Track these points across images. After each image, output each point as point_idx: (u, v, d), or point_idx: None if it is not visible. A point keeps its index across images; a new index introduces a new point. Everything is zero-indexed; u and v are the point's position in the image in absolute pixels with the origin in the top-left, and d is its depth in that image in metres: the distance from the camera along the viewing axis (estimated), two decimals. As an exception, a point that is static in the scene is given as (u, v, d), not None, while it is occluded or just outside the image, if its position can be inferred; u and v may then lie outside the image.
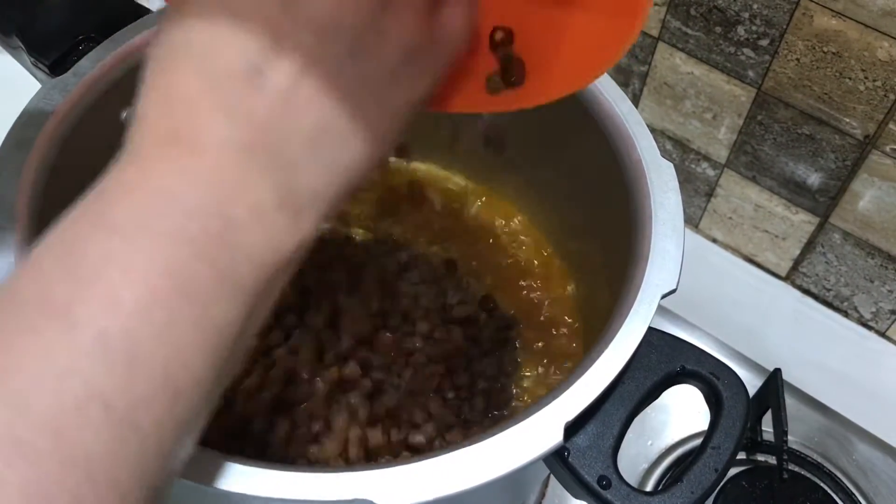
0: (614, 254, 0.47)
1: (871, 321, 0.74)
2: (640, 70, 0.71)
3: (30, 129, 0.46)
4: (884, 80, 0.58)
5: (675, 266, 0.43)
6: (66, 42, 0.54)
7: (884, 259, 0.69)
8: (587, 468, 0.39)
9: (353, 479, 0.35)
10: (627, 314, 0.41)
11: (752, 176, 0.72)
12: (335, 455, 0.47)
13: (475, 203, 0.63)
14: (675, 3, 0.65)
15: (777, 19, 0.61)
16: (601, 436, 0.40)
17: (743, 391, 0.42)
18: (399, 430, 0.49)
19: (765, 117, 0.67)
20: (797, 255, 0.74)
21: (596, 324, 0.50)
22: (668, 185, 0.46)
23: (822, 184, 0.68)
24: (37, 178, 0.45)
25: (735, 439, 0.41)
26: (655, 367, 0.42)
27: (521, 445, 0.37)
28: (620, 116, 0.49)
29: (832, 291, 0.75)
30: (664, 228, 0.44)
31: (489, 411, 0.52)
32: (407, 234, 0.61)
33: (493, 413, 0.52)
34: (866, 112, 0.61)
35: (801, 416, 0.66)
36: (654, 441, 0.65)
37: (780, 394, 0.60)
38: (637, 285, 0.42)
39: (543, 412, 0.37)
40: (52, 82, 0.48)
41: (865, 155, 0.63)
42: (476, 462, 0.36)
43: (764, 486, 0.61)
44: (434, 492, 0.35)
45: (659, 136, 0.74)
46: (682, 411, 0.66)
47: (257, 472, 0.35)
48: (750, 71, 0.65)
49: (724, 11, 0.63)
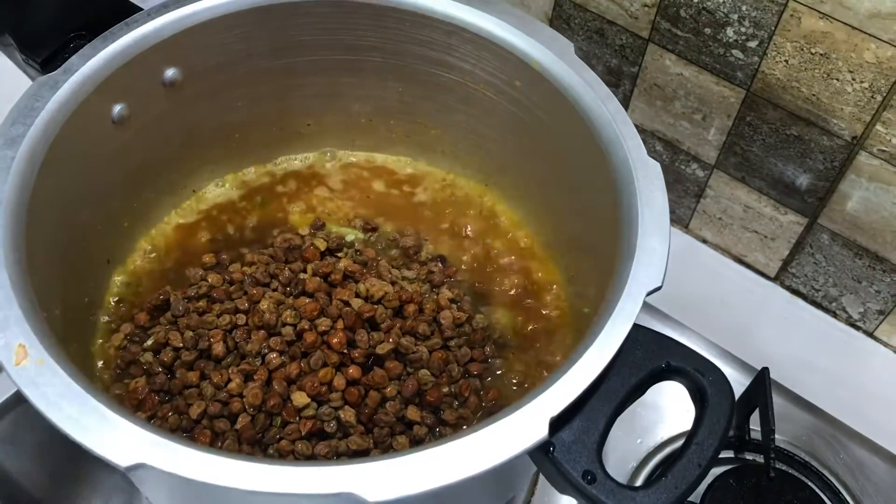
0: (602, 251, 0.48)
1: (858, 321, 0.74)
2: (631, 71, 0.72)
3: (20, 125, 0.46)
4: (871, 81, 0.59)
5: (661, 264, 0.43)
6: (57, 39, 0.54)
7: (871, 259, 0.69)
8: (572, 463, 0.39)
9: (338, 472, 0.35)
10: (613, 311, 0.41)
11: (742, 177, 0.72)
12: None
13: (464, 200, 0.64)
14: (665, 4, 0.65)
15: (765, 21, 0.61)
16: (586, 431, 0.40)
17: (728, 388, 0.43)
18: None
19: (754, 118, 0.67)
20: (786, 255, 0.75)
21: (583, 320, 0.51)
22: (655, 184, 0.47)
23: (810, 185, 0.68)
24: (26, 174, 0.45)
25: (719, 435, 0.41)
26: (641, 363, 0.42)
27: (506, 440, 0.37)
28: (608, 116, 0.49)
29: (820, 292, 0.75)
30: (650, 227, 0.45)
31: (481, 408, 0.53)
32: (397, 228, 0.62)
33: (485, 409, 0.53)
34: (854, 113, 0.61)
35: (789, 416, 0.67)
36: (644, 439, 0.65)
37: (768, 393, 0.60)
38: (623, 282, 0.42)
39: (528, 407, 0.38)
40: (42, 79, 0.48)
41: (853, 156, 0.64)
42: (461, 456, 0.36)
43: (751, 485, 0.61)
44: (419, 485, 0.35)
45: (649, 137, 0.75)
46: (671, 410, 0.66)
47: (242, 466, 0.35)
48: (739, 72, 0.65)
49: (713, 13, 0.63)
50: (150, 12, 0.52)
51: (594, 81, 0.51)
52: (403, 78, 0.61)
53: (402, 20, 0.57)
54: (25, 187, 0.45)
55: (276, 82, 0.60)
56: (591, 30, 0.72)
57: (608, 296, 0.43)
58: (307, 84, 0.62)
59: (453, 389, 0.52)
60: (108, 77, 0.50)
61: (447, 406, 0.52)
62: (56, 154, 0.47)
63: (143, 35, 0.52)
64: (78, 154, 0.50)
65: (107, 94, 0.51)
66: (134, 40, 0.51)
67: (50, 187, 0.47)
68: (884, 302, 0.71)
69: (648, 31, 0.68)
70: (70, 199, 0.50)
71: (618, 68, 0.72)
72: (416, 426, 0.50)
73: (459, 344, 0.54)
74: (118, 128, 0.53)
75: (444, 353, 0.53)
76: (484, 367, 0.54)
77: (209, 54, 0.56)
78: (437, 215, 0.63)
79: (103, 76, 0.50)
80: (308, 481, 0.35)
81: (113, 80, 0.51)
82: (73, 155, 0.49)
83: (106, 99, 0.51)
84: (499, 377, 0.54)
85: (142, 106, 0.53)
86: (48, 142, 0.47)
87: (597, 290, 0.47)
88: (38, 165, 0.46)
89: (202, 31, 0.54)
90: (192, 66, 0.55)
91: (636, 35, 0.69)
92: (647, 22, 0.68)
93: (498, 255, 0.61)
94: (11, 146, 0.45)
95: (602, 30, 0.71)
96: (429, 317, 0.54)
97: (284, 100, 0.62)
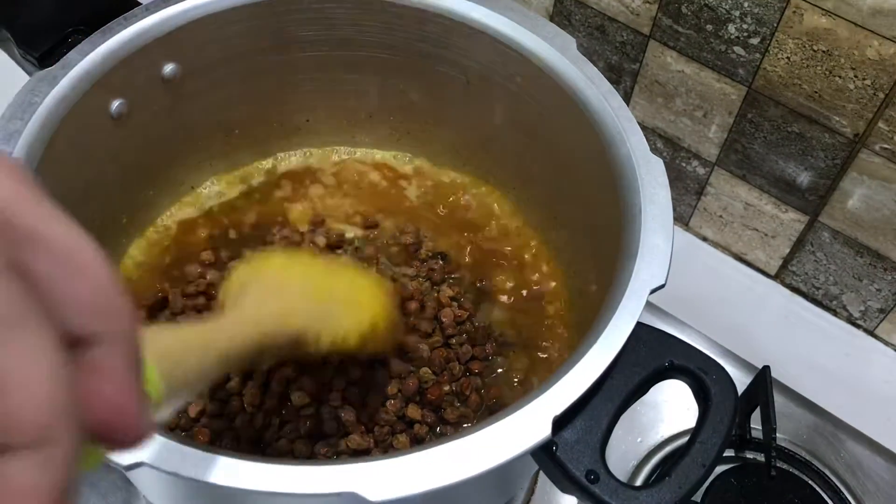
0: (604, 249, 0.48)
1: (859, 319, 0.74)
2: (632, 68, 0.71)
3: (17, 120, 0.46)
4: (873, 78, 0.59)
5: (665, 261, 0.43)
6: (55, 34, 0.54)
7: (872, 257, 0.69)
8: (575, 462, 0.39)
9: (339, 472, 0.35)
10: (616, 309, 0.41)
11: (743, 174, 0.72)
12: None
13: (465, 197, 0.63)
14: (667, 1, 0.65)
15: (767, 17, 0.61)
16: (589, 430, 0.40)
17: (731, 386, 0.42)
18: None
19: (755, 115, 0.67)
20: (787, 253, 0.75)
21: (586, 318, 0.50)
22: (658, 181, 0.46)
23: (811, 182, 0.68)
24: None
25: (723, 434, 0.41)
26: (644, 362, 0.42)
27: (509, 439, 0.37)
28: (611, 112, 0.49)
29: (821, 290, 0.75)
30: (654, 224, 0.44)
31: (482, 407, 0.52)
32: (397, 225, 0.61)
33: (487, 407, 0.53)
34: (856, 110, 0.61)
35: (790, 414, 0.66)
36: (644, 438, 0.65)
37: (769, 391, 0.60)
38: (626, 280, 0.42)
39: (531, 406, 0.37)
40: (40, 74, 0.48)
41: (855, 153, 0.64)
42: (463, 456, 0.36)
43: (752, 484, 0.61)
44: (421, 485, 0.35)
45: (650, 134, 0.75)
46: (671, 408, 0.66)
47: (242, 465, 0.35)
48: (740, 69, 0.65)
49: (714, 10, 0.63)
50: (148, 7, 0.52)
51: (597, 78, 0.51)
52: (404, 73, 0.60)
53: (403, 15, 0.56)
54: (23, 183, 0.45)
55: (276, 78, 0.60)
56: (591, 26, 0.71)
57: (611, 294, 0.43)
58: (306, 80, 0.61)
59: (454, 388, 0.52)
60: (107, 72, 0.50)
61: (448, 405, 0.51)
62: (54, 150, 0.47)
63: (141, 30, 0.51)
64: (76, 150, 0.49)
65: (105, 90, 0.50)
66: (132, 35, 0.51)
67: (47, 183, 0.46)
68: (885, 300, 0.71)
69: (650, 28, 0.68)
70: (68, 195, 0.49)
71: (619, 65, 0.72)
72: (417, 425, 0.50)
73: (461, 342, 0.54)
74: (116, 123, 0.52)
75: (445, 351, 0.52)
76: (485, 365, 0.54)
77: (208, 49, 0.55)
78: (438, 213, 0.63)
79: (102, 71, 0.49)
80: (309, 481, 0.35)
81: (111, 76, 0.50)
82: (71, 151, 0.49)
83: (104, 94, 0.51)
84: (500, 375, 0.54)
85: (140, 101, 0.53)
86: (46, 137, 0.46)
87: (599, 288, 0.46)
88: (35, 161, 0.46)
89: (201, 26, 0.53)
90: (191, 62, 0.55)
91: (637, 31, 0.69)
92: (648, 18, 0.67)
93: (498, 253, 0.60)
94: (9, 142, 0.45)
95: (603, 26, 0.70)
96: (430, 314, 0.54)
97: (284, 95, 0.62)
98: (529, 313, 0.57)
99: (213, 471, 0.35)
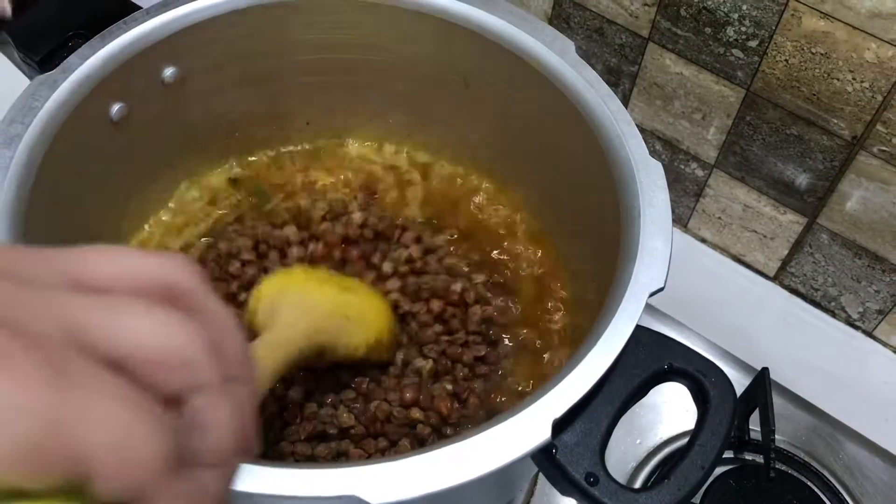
0: (603, 252, 0.48)
1: (858, 321, 0.74)
2: (630, 70, 0.72)
3: (18, 124, 0.46)
4: (871, 81, 0.59)
5: (664, 264, 0.43)
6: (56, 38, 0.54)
7: (871, 259, 0.69)
8: (575, 465, 0.39)
9: (340, 474, 0.35)
10: (615, 312, 0.41)
11: (741, 176, 0.72)
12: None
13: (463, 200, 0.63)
14: (665, 3, 0.65)
15: (766, 20, 0.61)
16: (589, 433, 0.40)
17: (730, 389, 0.43)
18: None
19: (753, 118, 0.67)
20: (785, 255, 0.75)
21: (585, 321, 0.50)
22: (657, 184, 0.46)
23: (810, 184, 0.68)
24: (24, 174, 0.45)
25: (722, 437, 0.41)
26: (643, 364, 0.42)
27: (509, 442, 0.37)
28: (610, 115, 0.49)
29: (820, 291, 0.75)
30: (653, 227, 0.45)
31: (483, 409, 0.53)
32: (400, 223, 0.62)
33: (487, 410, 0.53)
34: (854, 113, 0.61)
35: (789, 416, 0.66)
36: (643, 440, 0.65)
37: (768, 393, 0.60)
38: (625, 283, 0.42)
39: (531, 409, 0.38)
40: (41, 78, 0.48)
41: (853, 156, 0.64)
42: (464, 458, 0.36)
43: (751, 485, 0.61)
44: (422, 488, 0.35)
45: (648, 137, 0.75)
46: (670, 410, 0.66)
47: (244, 469, 0.35)
48: (739, 72, 0.65)
49: (713, 12, 0.63)
50: (148, 11, 0.52)
51: (595, 81, 0.51)
52: (403, 75, 0.60)
53: (402, 18, 0.56)
54: (23, 187, 0.45)
55: (275, 80, 0.60)
56: (590, 29, 0.71)
57: (610, 297, 0.43)
58: (306, 82, 0.61)
59: (456, 390, 0.52)
60: (107, 76, 0.50)
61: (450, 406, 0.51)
62: (54, 153, 0.47)
63: (141, 34, 0.51)
64: (77, 153, 0.49)
65: (105, 93, 0.51)
66: (133, 39, 0.51)
67: (48, 187, 0.47)
68: (883, 301, 0.71)
69: (648, 31, 0.68)
70: (69, 198, 0.49)
71: (617, 67, 0.72)
72: (420, 426, 0.50)
73: (477, 341, 0.54)
74: (117, 127, 0.52)
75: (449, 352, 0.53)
76: (490, 367, 0.54)
77: (208, 53, 0.55)
78: (438, 213, 0.63)
79: (102, 75, 0.50)
80: (310, 484, 0.35)
81: (112, 79, 0.50)
82: (71, 154, 0.49)
83: (105, 98, 0.51)
84: (501, 378, 0.54)
85: (141, 105, 0.53)
86: (46, 141, 0.47)
87: (598, 291, 0.46)
88: (36, 165, 0.46)
89: (201, 30, 0.54)
90: (191, 65, 0.55)
91: (636, 34, 0.69)
92: (647, 21, 0.67)
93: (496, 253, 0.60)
94: (9, 146, 0.45)
95: (602, 29, 0.71)
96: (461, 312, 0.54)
97: (284, 98, 0.62)
98: (528, 315, 0.57)
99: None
